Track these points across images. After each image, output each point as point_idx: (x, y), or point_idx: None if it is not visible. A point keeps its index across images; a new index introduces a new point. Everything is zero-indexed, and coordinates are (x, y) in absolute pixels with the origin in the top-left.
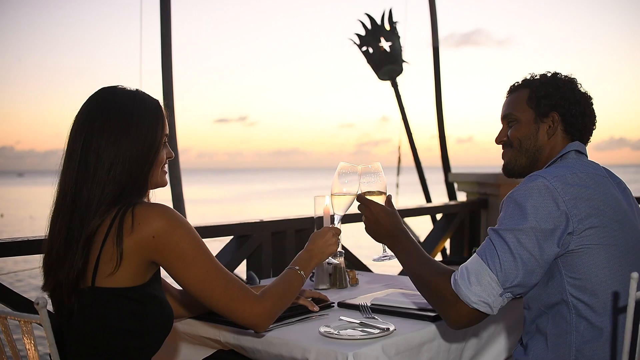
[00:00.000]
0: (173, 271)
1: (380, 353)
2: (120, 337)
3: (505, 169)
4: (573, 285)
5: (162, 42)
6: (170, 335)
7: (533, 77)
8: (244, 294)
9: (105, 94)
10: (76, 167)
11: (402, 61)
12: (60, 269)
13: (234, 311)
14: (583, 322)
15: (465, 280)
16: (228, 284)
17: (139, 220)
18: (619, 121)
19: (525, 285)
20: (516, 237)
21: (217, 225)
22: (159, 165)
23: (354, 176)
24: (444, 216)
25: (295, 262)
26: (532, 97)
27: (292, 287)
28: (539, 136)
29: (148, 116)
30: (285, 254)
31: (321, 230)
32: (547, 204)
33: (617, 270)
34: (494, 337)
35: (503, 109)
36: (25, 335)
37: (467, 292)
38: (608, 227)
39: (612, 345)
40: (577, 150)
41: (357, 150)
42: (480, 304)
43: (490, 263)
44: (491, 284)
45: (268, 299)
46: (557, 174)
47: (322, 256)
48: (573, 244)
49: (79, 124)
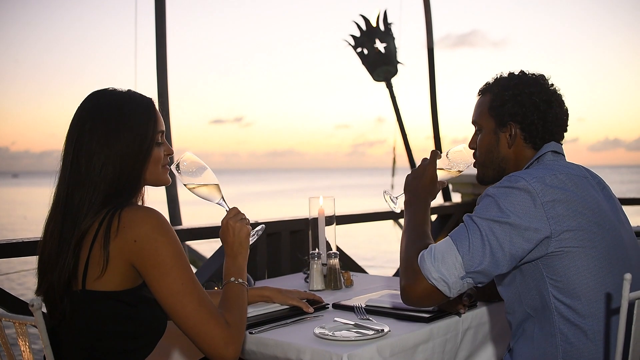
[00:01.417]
0: (148, 278)
1: (375, 354)
2: (112, 339)
3: (478, 179)
4: (555, 287)
5: (157, 42)
6: (164, 338)
7: (497, 79)
8: (215, 318)
9: (96, 96)
10: (68, 169)
11: (397, 62)
12: (53, 271)
13: (200, 335)
14: (567, 324)
15: (431, 256)
16: (202, 303)
17: (124, 223)
18: (614, 122)
19: (487, 274)
20: (490, 226)
21: (212, 226)
22: (156, 163)
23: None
24: (438, 217)
25: (228, 274)
26: (492, 105)
27: (242, 302)
28: (500, 147)
29: (138, 113)
30: (280, 255)
31: (224, 225)
32: (525, 203)
33: (598, 272)
34: (488, 339)
35: (473, 112)
36: (20, 337)
37: (429, 267)
38: (587, 229)
39: (605, 348)
40: (553, 150)
41: (353, 151)
42: (440, 282)
43: (459, 245)
44: (455, 265)
45: (233, 326)
46: (536, 175)
47: (241, 246)
48: (552, 247)
49: (72, 127)
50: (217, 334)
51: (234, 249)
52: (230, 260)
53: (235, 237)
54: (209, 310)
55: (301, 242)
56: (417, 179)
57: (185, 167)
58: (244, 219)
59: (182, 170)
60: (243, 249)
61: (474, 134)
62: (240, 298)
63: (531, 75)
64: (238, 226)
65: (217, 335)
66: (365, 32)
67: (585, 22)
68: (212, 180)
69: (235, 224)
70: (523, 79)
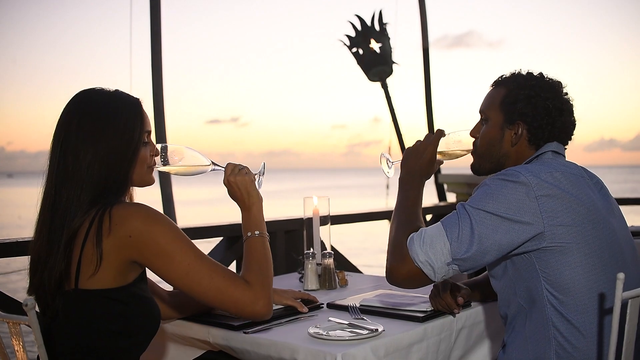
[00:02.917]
0: (155, 269)
1: (369, 354)
2: (106, 337)
3: (473, 168)
4: (548, 281)
5: (151, 42)
6: (159, 337)
7: (515, 75)
8: (232, 282)
9: (83, 95)
10: (55, 168)
11: (392, 62)
12: (44, 270)
13: (225, 302)
14: (559, 318)
15: (420, 239)
16: (213, 274)
17: (115, 221)
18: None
19: (473, 262)
20: (481, 216)
21: (207, 226)
22: (142, 163)
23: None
24: (433, 217)
25: (245, 228)
26: (505, 100)
27: (262, 254)
28: (504, 143)
29: (125, 113)
30: (274, 255)
31: (226, 186)
32: (519, 197)
33: (591, 270)
34: (482, 339)
35: (482, 102)
36: (14, 336)
37: (417, 250)
38: (580, 226)
39: (598, 345)
40: (554, 150)
41: (349, 151)
42: (426, 265)
43: (449, 231)
44: (442, 251)
45: (254, 283)
46: (532, 170)
47: (250, 197)
48: (546, 242)
49: (59, 125)
50: (240, 297)
51: (245, 202)
52: (245, 214)
53: (242, 190)
54: (223, 277)
55: (296, 242)
56: (417, 157)
57: (174, 160)
58: (242, 169)
59: (172, 163)
60: (253, 198)
61: (478, 123)
62: (260, 251)
63: (549, 80)
64: (239, 179)
65: (240, 297)
66: (360, 32)
67: (581, 23)
68: (195, 155)
69: (236, 178)
70: (541, 82)
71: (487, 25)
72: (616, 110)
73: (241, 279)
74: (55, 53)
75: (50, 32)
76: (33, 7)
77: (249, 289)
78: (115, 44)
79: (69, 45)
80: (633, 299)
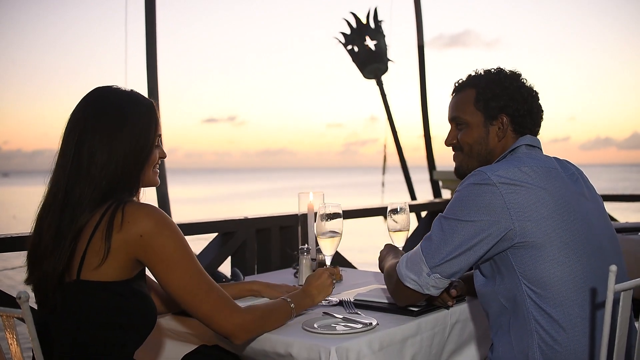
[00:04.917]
0: (156, 272)
1: (363, 347)
2: (103, 331)
3: (457, 172)
4: (525, 277)
5: (147, 41)
6: (154, 331)
7: (478, 75)
8: (225, 302)
9: (100, 93)
10: (69, 164)
11: (387, 60)
12: (47, 262)
13: (213, 318)
14: (540, 313)
15: (403, 261)
16: (210, 291)
17: (128, 218)
18: (605, 121)
19: (452, 267)
20: (452, 224)
21: (202, 222)
22: (151, 165)
23: (338, 217)
24: (428, 213)
25: (291, 295)
26: (479, 99)
27: (279, 313)
28: (490, 140)
29: (141, 116)
30: (269, 251)
31: (316, 272)
32: (487, 197)
33: (565, 262)
34: (476, 332)
35: (450, 110)
36: (7, 329)
37: (402, 272)
38: (551, 219)
39: (590, 340)
40: (528, 144)
41: (345, 150)
42: (411, 282)
43: (424, 245)
44: (420, 264)
45: (249, 313)
46: (499, 169)
47: (316, 298)
48: (517, 238)
49: (74, 122)
50: (227, 318)
51: (311, 292)
52: (302, 293)
53: (320, 288)
54: (218, 296)
55: (291, 237)
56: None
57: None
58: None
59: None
60: (313, 299)
61: (452, 130)
62: (280, 309)
63: (510, 71)
64: (328, 282)
65: (227, 318)
66: (355, 30)
67: (577, 22)
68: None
69: (327, 280)
70: (506, 74)
71: (484, 25)
72: (612, 109)
73: (234, 303)
74: (54, 53)
75: (49, 32)
76: (33, 8)
77: (240, 313)
78: (115, 44)
79: (68, 46)
80: (625, 291)
